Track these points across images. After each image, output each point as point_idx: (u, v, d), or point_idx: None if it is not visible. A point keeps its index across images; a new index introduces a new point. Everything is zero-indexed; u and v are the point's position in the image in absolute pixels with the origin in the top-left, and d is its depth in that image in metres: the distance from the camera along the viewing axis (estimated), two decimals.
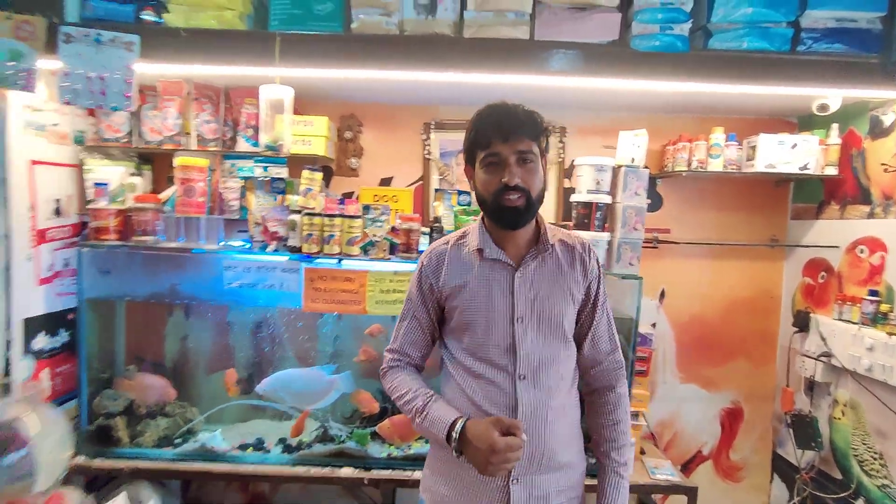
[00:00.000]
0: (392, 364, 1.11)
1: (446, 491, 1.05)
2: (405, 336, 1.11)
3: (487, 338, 1.02)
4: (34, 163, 1.57)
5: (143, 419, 1.79)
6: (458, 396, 1.03)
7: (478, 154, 1.00)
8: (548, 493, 1.02)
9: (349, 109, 2.01)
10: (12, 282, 1.50)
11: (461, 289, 1.03)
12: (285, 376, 1.76)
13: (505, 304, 1.02)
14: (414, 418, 1.02)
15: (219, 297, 1.75)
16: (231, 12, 1.53)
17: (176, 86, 1.77)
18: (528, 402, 1.00)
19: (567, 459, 1.05)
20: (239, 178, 1.76)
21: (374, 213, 1.70)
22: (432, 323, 1.10)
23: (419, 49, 1.51)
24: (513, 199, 0.97)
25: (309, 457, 1.72)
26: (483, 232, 1.06)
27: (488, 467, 0.90)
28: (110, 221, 1.69)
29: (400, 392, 1.05)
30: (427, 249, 1.13)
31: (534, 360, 1.01)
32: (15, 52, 1.41)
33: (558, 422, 1.02)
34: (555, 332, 1.03)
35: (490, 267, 1.04)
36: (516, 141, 0.96)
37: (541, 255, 1.05)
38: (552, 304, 1.03)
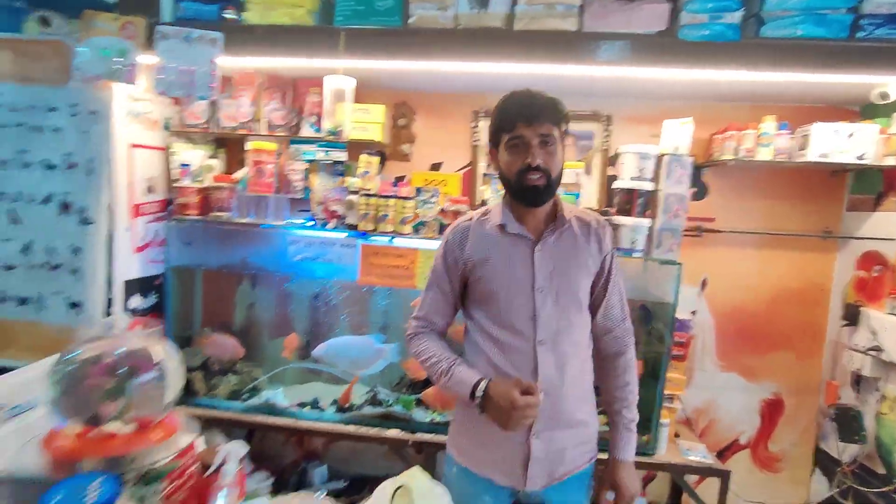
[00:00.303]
0: (418, 330, 1.21)
1: (471, 445, 1.17)
2: (431, 305, 1.21)
3: (509, 307, 1.11)
4: (132, 146, 1.79)
5: (217, 375, 2.02)
6: (481, 360, 1.14)
7: (502, 137, 1.09)
8: (564, 447, 1.13)
9: (403, 98, 2.13)
10: (116, 248, 1.74)
11: (485, 262, 1.13)
12: (339, 343, 1.92)
13: (526, 276, 1.11)
14: (439, 379, 1.13)
15: (283, 268, 1.93)
16: (301, 9, 1.68)
17: (249, 77, 1.95)
18: (547, 365, 1.10)
19: (581, 417, 1.16)
20: (303, 161, 1.93)
21: (425, 195, 1.82)
22: (456, 293, 1.20)
23: (472, 42, 1.61)
24: (534, 178, 1.05)
25: (359, 417, 1.88)
26: (505, 209, 1.15)
27: (508, 423, 1.00)
28: (192, 198, 1.91)
29: (426, 355, 1.16)
30: (451, 225, 1.22)
31: (552, 328, 1.11)
32: (121, 49, 1.62)
33: (574, 383, 1.13)
34: (571, 302, 1.13)
35: (512, 241, 1.13)
36: (539, 125, 1.04)
37: (558, 231, 1.14)
38: (569, 275, 1.12)
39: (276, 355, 2.10)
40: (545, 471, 1.12)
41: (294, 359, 2.07)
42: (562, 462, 1.13)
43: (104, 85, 1.65)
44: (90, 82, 1.62)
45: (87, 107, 1.66)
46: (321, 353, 1.91)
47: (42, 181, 1.68)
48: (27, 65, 1.65)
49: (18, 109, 1.66)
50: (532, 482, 1.12)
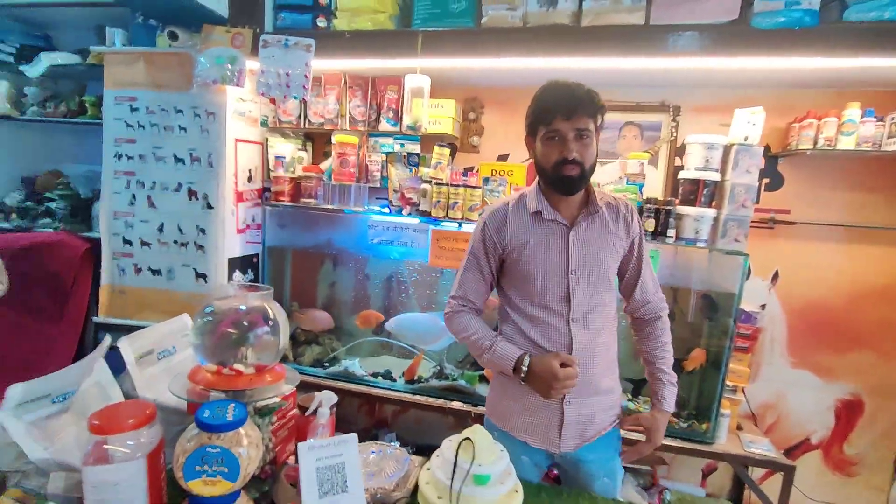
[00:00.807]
0: (457, 309, 1.31)
1: (510, 411, 1.27)
2: (468, 285, 1.30)
3: (545, 288, 1.21)
4: (238, 141, 2.07)
5: (303, 345, 2.28)
6: (519, 336, 1.24)
7: (539, 129, 1.15)
8: (593, 412, 1.24)
9: (473, 93, 2.25)
10: (225, 229, 2.03)
11: (523, 246, 1.22)
12: (408, 318, 2.10)
13: (561, 260, 1.20)
14: (482, 354, 1.24)
15: (362, 250, 2.14)
16: (383, 14, 1.85)
17: (335, 77, 2.16)
18: (580, 340, 1.20)
19: (608, 385, 1.26)
20: (381, 153, 2.11)
21: (492, 184, 1.94)
22: (492, 274, 1.29)
23: (540, 39, 1.69)
24: (570, 170, 1.12)
25: (426, 388, 2.06)
26: (539, 195, 1.23)
27: (551, 391, 1.14)
28: (285, 187, 2.16)
29: (467, 332, 1.27)
30: (488, 209, 1.30)
31: (584, 306, 1.21)
32: (231, 57, 1.88)
33: (602, 355, 1.24)
34: (602, 282, 1.22)
35: (547, 226, 1.22)
36: (576, 119, 1.10)
37: (590, 216, 1.22)
38: (600, 258, 1.21)
39: (353, 329, 2.33)
40: (577, 433, 1.23)
41: (369, 333, 2.28)
42: (591, 425, 1.24)
43: (218, 89, 1.92)
44: (208, 87, 1.89)
45: (205, 108, 1.95)
46: (392, 326, 2.10)
47: (173, 172, 2.00)
48: (159, 74, 1.97)
49: (153, 112, 1.98)
50: (565, 444, 1.23)
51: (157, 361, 1.19)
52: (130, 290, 2.09)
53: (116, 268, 2.10)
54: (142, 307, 2.07)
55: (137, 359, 1.12)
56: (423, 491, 0.97)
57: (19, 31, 2.44)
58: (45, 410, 0.94)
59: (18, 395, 0.89)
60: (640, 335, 1.34)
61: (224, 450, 0.82)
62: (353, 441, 0.91)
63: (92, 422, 0.83)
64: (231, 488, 0.83)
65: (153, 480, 0.86)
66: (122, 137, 2.03)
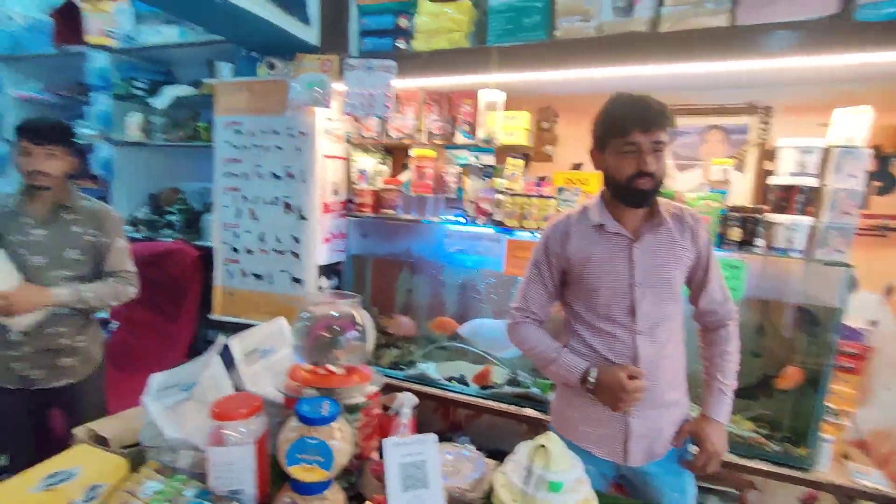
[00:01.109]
0: (520, 320, 1.33)
1: (575, 421, 1.28)
2: (531, 296, 1.32)
3: (610, 300, 1.20)
4: (325, 157, 2.25)
5: (382, 347, 2.42)
6: (584, 348, 1.24)
7: (613, 140, 1.14)
8: (660, 426, 1.22)
9: (546, 102, 2.26)
10: (315, 238, 2.21)
11: (587, 260, 1.22)
12: (481, 323, 2.16)
13: (625, 272, 1.19)
14: (547, 365, 1.26)
15: (438, 258, 2.23)
16: (459, 33, 1.93)
17: (413, 94, 2.28)
18: (646, 352, 1.19)
19: (674, 398, 1.23)
20: (457, 165, 2.19)
21: (566, 194, 1.95)
22: (555, 286, 1.30)
23: (616, 47, 1.68)
24: (644, 183, 1.11)
25: (499, 394, 2.09)
26: (602, 208, 1.22)
27: (619, 404, 1.14)
28: (367, 198, 2.30)
29: (531, 343, 1.29)
30: (551, 222, 1.31)
31: (650, 319, 1.19)
32: (320, 81, 2.05)
33: (669, 368, 1.21)
34: (667, 294, 1.19)
35: (611, 240, 1.21)
36: (654, 131, 1.09)
37: (655, 228, 1.20)
38: (666, 270, 1.19)
39: (429, 334, 2.42)
40: (645, 448, 1.22)
41: (444, 338, 2.37)
42: (659, 439, 1.22)
43: (309, 111, 2.11)
44: (300, 109, 2.09)
45: (298, 129, 2.14)
46: (465, 331, 2.17)
47: (271, 187, 2.22)
48: (259, 100, 2.20)
49: (255, 134, 2.22)
50: (634, 458, 1.22)
51: (259, 359, 1.34)
52: (238, 292, 2.35)
53: (226, 272, 2.36)
54: (247, 307, 2.32)
55: (244, 356, 1.28)
56: (498, 493, 1.02)
57: (149, 69, 2.84)
58: (176, 397, 1.11)
59: (157, 383, 1.06)
60: (704, 342, 1.32)
61: (320, 441, 0.93)
62: (433, 441, 0.97)
63: (213, 409, 0.97)
64: (326, 476, 0.93)
65: (261, 463, 0.98)
66: (229, 157, 2.29)
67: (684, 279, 1.25)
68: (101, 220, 1.79)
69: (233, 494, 0.94)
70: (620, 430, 1.22)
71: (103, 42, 2.70)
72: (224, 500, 0.93)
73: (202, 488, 0.95)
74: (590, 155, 1.25)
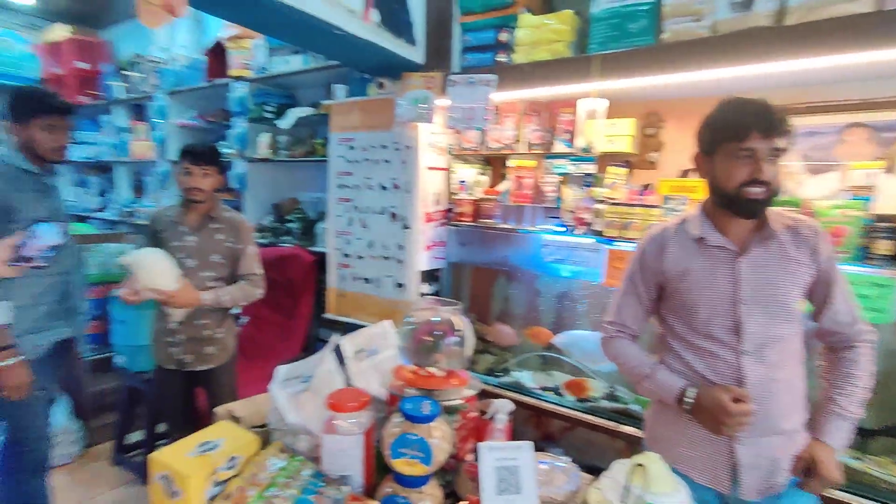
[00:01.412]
0: (614, 334, 1.28)
1: (671, 442, 1.20)
2: (625, 310, 1.26)
3: (710, 317, 1.11)
4: (428, 168, 2.37)
5: (478, 353, 2.47)
6: (681, 366, 1.16)
7: (727, 145, 1.05)
8: (776, 456, 1.10)
9: (652, 107, 2.16)
10: (417, 246, 2.34)
11: (685, 273, 1.14)
12: (577, 334, 2.12)
13: (728, 288, 1.10)
14: (640, 381, 1.20)
15: (535, 267, 2.23)
16: (560, 43, 1.93)
17: (513, 105, 2.31)
18: (754, 375, 1.08)
19: (790, 426, 1.11)
20: (556, 174, 2.18)
21: (672, 202, 1.85)
22: (651, 300, 1.23)
23: (732, 46, 1.56)
24: (757, 192, 1.02)
25: (596, 408, 2.03)
26: (704, 219, 1.13)
27: (721, 428, 1.05)
28: (466, 208, 2.38)
29: (624, 358, 1.24)
30: (647, 234, 1.24)
31: (759, 339, 1.08)
32: (424, 97, 2.17)
33: (784, 394, 1.10)
34: (780, 314, 1.08)
35: (712, 253, 1.12)
36: (773, 137, 1.00)
37: (765, 241, 1.09)
38: (777, 287, 1.07)
39: (524, 342, 2.42)
40: (759, 480, 1.11)
41: (539, 347, 2.35)
42: (778, 470, 1.10)
43: (413, 126, 2.24)
44: (405, 125, 2.22)
45: (404, 143, 2.29)
46: (560, 341, 2.14)
47: (379, 198, 2.39)
48: (370, 117, 2.38)
49: (366, 149, 2.41)
50: (747, 490, 1.11)
51: (366, 358, 1.46)
52: (348, 294, 2.56)
53: (338, 275, 2.59)
54: (356, 308, 2.52)
55: (353, 354, 1.40)
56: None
57: (277, 94, 3.21)
58: (296, 387, 1.25)
59: (283, 374, 1.20)
60: (827, 362, 1.19)
61: (421, 438, 0.99)
62: (528, 448, 0.99)
63: (329, 401, 1.09)
64: (425, 471, 0.99)
65: (367, 453, 1.08)
66: (343, 171, 2.51)
67: (802, 297, 1.14)
68: (238, 229, 2.07)
69: (342, 478, 1.04)
70: (725, 457, 1.14)
71: (242, 73, 3.12)
72: (334, 483, 1.03)
73: (317, 470, 1.07)
74: (693, 160, 1.18)
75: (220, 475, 1.06)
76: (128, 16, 4.48)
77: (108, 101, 4.37)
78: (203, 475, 1.02)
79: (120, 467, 2.74)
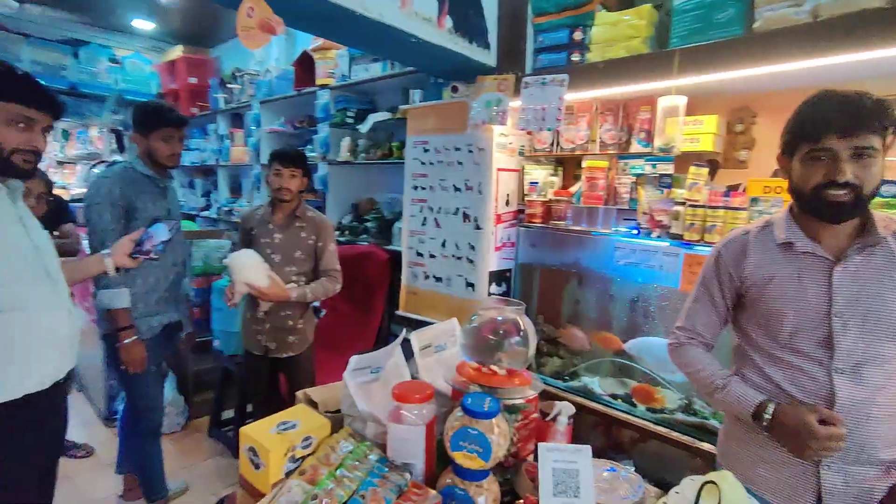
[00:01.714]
0: (683, 341, 1.20)
1: (747, 461, 1.10)
2: (697, 317, 1.19)
3: (797, 329, 1.01)
4: (499, 170, 2.38)
5: (545, 356, 2.44)
6: (760, 379, 1.08)
7: (802, 145, 0.97)
8: (870, 486, 0.98)
9: (741, 102, 2.01)
10: (488, 246, 2.37)
11: (767, 281, 1.05)
12: (650, 340, 2.03)
13: (820, 299, 0.99)
14: (712, 393, 1.12)
15: (607, 271, 2.16)
16: (637, 39, 1.86)
17: (587, 105, 2.26)
18: (847, 396, 0.97)
19: (890, 458, 0.98)
20: (631, 175, 2.11)
21: (762, 204, 1.71)
22: (726, 308, 1.15)
23: (839, 31, 1.42)
24: (838, 194, 0.92)
25: (670, 421, 1.93)
26: (791, 223, 1.03)
27: (805, 451, 0.96)
28: (537, 209, 2.36)
29: (694, 367, 1.15)
30: (725, 238, 1.16)
31: (855, 357, 0.97)
32: (497, 100, 2.19)
33: (884, 421, 0.97)
34: (884, 331, 0.95)
35: (800, 260, 1.02)
36: (854, 136, 0.90)
37: (867, 249, 0.97)
38: (882, 301, 0.95)
39: (594, 347, 2.36)
40: None
41: (608, 353, 2.28)
42: (869, 502, 0.98)
43: (486, 128, 2.26)
44: (478, 127, 2.26)
45: (477, 145, 2.33)
46: (633, 347, 2.07)
47: (452, 199, 2.46)
48: (444, 120, 2.45)
49: (440, 151, 2.48)
50: None
51: (432, 353, 1.51)
52: (420, 292, 2.65)
53: (411, 273, 2.68)
54: (427, 305, 2.60)
55: (421, 349, 1.45)
56: None
57: (358, 100, 3.40)
58: (367, 377, 1.33)
59: (355, 364, 1.29)
60: None
61: (480, 433, 1.02)
62: (587, 452, 0.98)
63: (395, 391, 1.15)
64: (484, 466, 1.01)
65: (429, 444, 1.12)
66: (418, 172, 2.60)
67: None
68: (320, 228, 2.22)
69: (405, 466, 1.10)
70: (809, 482, 1.04)
71: (327, 82, 3.33)
72: (398, 469, 1.09)
73: (383, 456, 1.13)
74: (777, 160, 1.11)
75: (296, 453, 1.16)
76: (232, 34, 4.95)
77: (213, 111, 4.86)
78: (282, 451, 1.12)
79: (215, 440, 3.05)
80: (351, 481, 1.06)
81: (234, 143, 4.51)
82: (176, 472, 2.64)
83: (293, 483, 1.08)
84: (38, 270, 1.34)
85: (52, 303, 1.37)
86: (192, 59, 5.24)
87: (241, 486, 1.23)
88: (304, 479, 1.08)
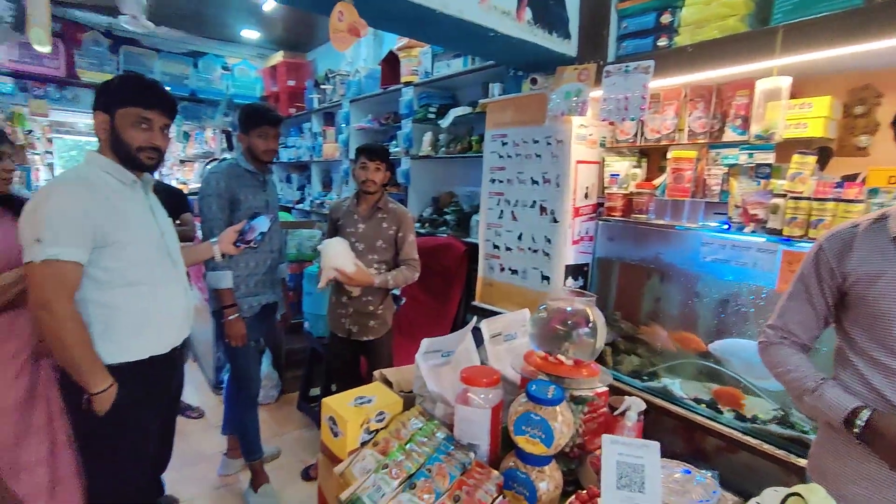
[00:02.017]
0: (775, 340, 1.12)
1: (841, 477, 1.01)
2: (792, 315, 1.10)
3: None
4: (578, 162, 2.33)
5: (622, 353, 2.35)
6: (861, 386, 0.98)
7: None
8: None
9: (862, 81, 1.78)
10: (565, 240, 2.33)
11: (874, 278, 0.94)
12: (738, 342, 1.88)
13: None
14: (801, 396, 1.03)
15: (692, 268, 2.03)
16: (733, 18, 1.72)
17: (675, 92, 2.13)
18: None
19: None
20: (722, 166, 1.96)
21: (884, 196, 1.51)
22: (826, 306, 1.05)
23: None
24: None
25: (762, 432, 1.78)
26: None
27: None
28: (618, 202, 2.28)
29: (784, 367, 1.07)
30: (830, 231, 1.06)
31: None
32: (577, 90, 2.14)
33: None
34: None
35: None
36: None
37: None
38: None
39: (675, 347, 2.23)
40: None
41: (689, 354, 2.15)
42: None
43: (565, 119, 2.22)
44: (557, 119, 2.22)
45: (555, 137, 2.29)
46: (719, 349, 1.93)
47: (530, 192, 2.45)
48: (522, 113, 2.44)
49: (518, 144, 2.48)
50: None
51: (503, 342, 1.53)
52: (496, 284, 2.68)
53: (487, 266, 2.72)
54: (502, 297, 2.63)
55: (491, 337, 1.48)
56: None
57: (439, 96, 3.48)
58: (438, 360, 1.39)
59: (426, 346, 1.35)
60: None
61: (543, 419, 1.03)
62: (655, 448, 0.96)
63: (463, 374, 1.20)
64: (546, 452, 1.03)
65: (494, 428, 1.16)
66: (496, 166, 2.62)
67: None
68: (401, 220, 2.33)
69: (471, 446, 1.14)
70: None
71: (411, 79, 3.45)
72: (464, 449, 1.14)
73: (449, 434, 1.18)
74: None
75: (371, 425, 1.25)
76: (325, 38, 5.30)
77: (308, 110, 5.24)
78: (358, 422, 1.22)
79: (303, 414, 3.32)
80: (419, 455, 1.12)
81: (326, 140, 4.83)
82: (270, 438, 2.93)
83: (367, 452, 1.17)
84: (162, 252, 1.57)
85: (173, 280, 1.60)
86: (290, 63, 5.68)
87: (321, 452, 1.35)
88: (376, 450, 1.17)
